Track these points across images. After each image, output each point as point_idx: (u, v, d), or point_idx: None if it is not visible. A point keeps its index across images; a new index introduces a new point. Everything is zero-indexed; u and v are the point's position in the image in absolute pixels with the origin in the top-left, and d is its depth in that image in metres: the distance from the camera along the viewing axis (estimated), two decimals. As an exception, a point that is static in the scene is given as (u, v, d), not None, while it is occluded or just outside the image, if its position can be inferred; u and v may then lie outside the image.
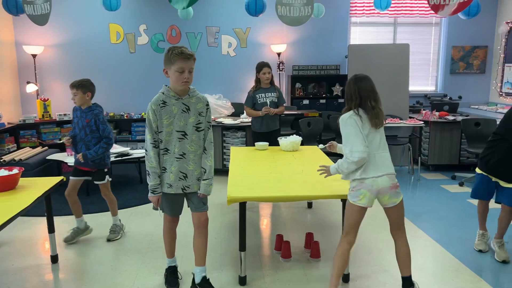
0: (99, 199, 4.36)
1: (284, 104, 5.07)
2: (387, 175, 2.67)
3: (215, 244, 3.75)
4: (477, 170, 3.61)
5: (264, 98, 4.88)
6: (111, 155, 5.45)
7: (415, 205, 4.86)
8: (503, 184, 3.44)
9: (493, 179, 3.49)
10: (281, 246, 3.49)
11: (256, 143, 4.53)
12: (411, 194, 5.29)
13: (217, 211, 4.62)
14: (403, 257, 2.76)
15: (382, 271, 3.26)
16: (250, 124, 5.24)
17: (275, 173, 3.41)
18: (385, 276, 3.19)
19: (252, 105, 4.94)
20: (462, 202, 4.94)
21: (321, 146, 3.64)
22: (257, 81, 4.92)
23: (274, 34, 7.26)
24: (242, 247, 2.94)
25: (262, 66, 4.85)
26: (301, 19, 5.38)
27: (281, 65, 7.23)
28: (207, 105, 2.76)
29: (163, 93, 2.68)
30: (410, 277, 2.75)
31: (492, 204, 3.66)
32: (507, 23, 7.12)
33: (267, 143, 4.52)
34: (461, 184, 5.62)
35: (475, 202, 4.90)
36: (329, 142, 3.37)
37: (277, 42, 7.25)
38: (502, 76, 7.37)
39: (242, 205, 2.88)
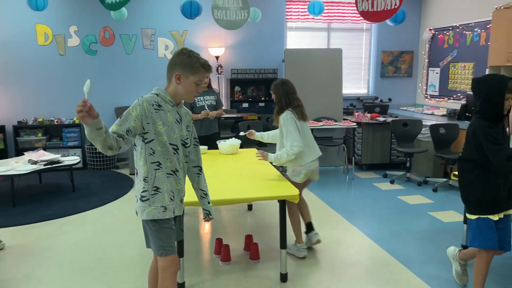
0: None
1: (222, 107, 5.07)
2: (317, 158, 3.49)
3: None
4: (470, 216, 2.69)
5: (203, 102, 4.85)
6: (41, 163, 5.16)
7: (350, 203, 5.06)
8: (496, 217, 2.64)
9: (495, 217, 2.63)
10: (221, 250, 3.48)
11: None
12: (346, 193, 5.50)
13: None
14: (305, 208, 3.70)
15: (319, 269, 3.36)
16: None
17: (214, 177, 3.40)
18: (322, 274, 3.28)
19: (190, 109, 4.89)
20: (393, 199, 5.22)
21: (241, 133, 4.16)
22: None
23: (212, 37, 7.24)
24: (180, 253, 2.89)
25: None
26: (237, 23, 5.42)
27: (219, 68, 7.23)
28: (192, 118, 2.40)
29: (157, 95, 2.19)
30: (311, 222, 3.70)
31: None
32: (430, 30, 7.64)
33: (206, 147, 4.49)
34: (392, 182, 5.94)
35: (405, 198, 5.23)
36: (249, 130, 4.01)
37: (215, 45, 7.24)
38: (427, 79, 7.89)
39: (179, 211, 2.84)
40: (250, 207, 4.82)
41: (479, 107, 2.57)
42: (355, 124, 6.35)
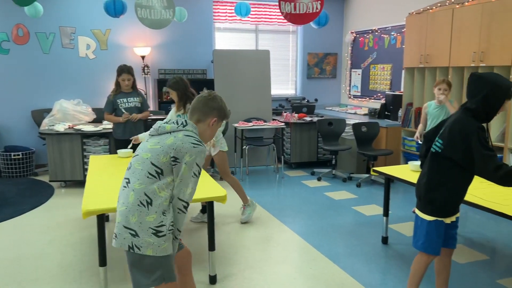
0: None
1: (148, 109, 4.93)
2: None
3: (74, 261, 3.46)
4: (427, 217, 2.50)
5: (127, 103, 4.68)
6: None
7: (279, 201, 5.15)
8: (449, 220, 2.55)
9: (448, 220, 2.54)
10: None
11: (118, 151, 4.30)
12: (277, 191, 5.60)
13: (77, 225, 4.27)
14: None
15: (248, 267, 3.37)
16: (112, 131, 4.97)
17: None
18: (251, 272, 3.30)
19: (113, 110, 4.70)
20: (320, 195, 5.39)
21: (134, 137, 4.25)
22: (117, 84, 4.69)
23: (137, 36, 7.02)
24: (102, 262, 2.75)
25: (121, 72, 4.63)
26: (162, 22, 5.31)
27: (146, 68, 7.03)
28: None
29: (196, 136, 2.07)
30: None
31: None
32: (352, 33, 8.02)
33: (131, 150, 4.33)
34: (319, 179, 6.14)
35: (331, 194, 5.42)
36: (134, 137, 4.15)
37: (140, 45, 7.03)
38: (350, 80, 8.27)
39: (100, 218, 2.70)
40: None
41: (474, 105, 2.34)
42: (284, 124, 6.48)
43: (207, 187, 3.12)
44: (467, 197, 2.75)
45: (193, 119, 2.13)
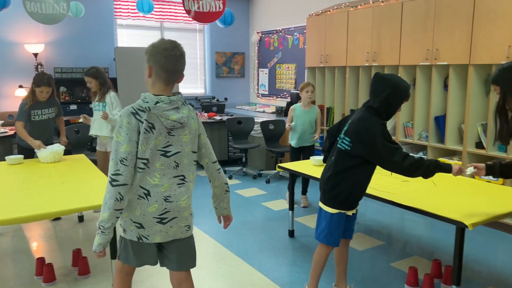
0: None
1: (62, 115, 4.54)
2: None
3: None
4: (330, 210, 2.59)
5: (41, 115, 4.23)
6: None
7: (189, 202, 5.06)
8: (350, 213, 2.67)
9: (349, 212, 2.66)
10: (43, 270, 3.10)
11: (7, 157, 3.90)
12: (186, 193, 5.50)
13: (-40, 243, 3.80)
14: None
15: (156, 273, 3.26)
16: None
17: (30, 189, 3.00)
18: (158, 278, 3.20)
19: (27, 120, 4.21)
20: (231, 193, 5.33)
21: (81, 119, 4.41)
22: (33, 93, 4.18)
23: (28, 32, 6.44)
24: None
25: (39, 83, 4.09)
26: (56, 17, 4.94)
27: (39, 67, 6.48)
28: None
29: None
30: None
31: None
32: (258, 33, 8.18)
33: (22, 156, 3.95)
34: (230, 177, 6.17)
35: (242, 192, 5.47)
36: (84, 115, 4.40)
37: (32, 41, 6.46)
38: (258, 80, 8.44)
39: None
40: (81, 219, 4.44)
41: (377, 104, 2.42)
42: (192, 123, 6.40)
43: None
44: (362, 188, 2.95)
45: (168, 91, 2.00)
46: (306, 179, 4.90)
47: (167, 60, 1.94)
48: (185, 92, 7.91)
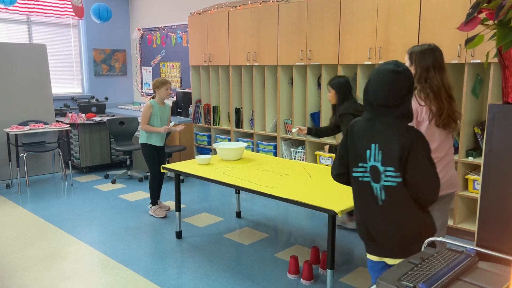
0: None
1: None
2: None
3: None
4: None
5: None
6: None
7: (67, 211, 4.69)
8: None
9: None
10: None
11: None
12: (65, 200, 5.08)
13: None
14: None
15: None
16: None
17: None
18: None
19: None
20: (114, 199, 5.14)
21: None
22: None
23: None
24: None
25: None
26: None
27: None
28: None
29: None
30: None
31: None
32: (139, 29, 7.88)
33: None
34: (113, 182, 5.85)
35: (126, 196, 5.24)
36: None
37: None
38: (142, 78, 8.14)
39: None
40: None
41: (406, 107, 1.91)
42: (69, 126, 5.92)
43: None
44: (245, 184, 3.03)
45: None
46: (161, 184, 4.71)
47: None
48: (59, 92, 7.30)
